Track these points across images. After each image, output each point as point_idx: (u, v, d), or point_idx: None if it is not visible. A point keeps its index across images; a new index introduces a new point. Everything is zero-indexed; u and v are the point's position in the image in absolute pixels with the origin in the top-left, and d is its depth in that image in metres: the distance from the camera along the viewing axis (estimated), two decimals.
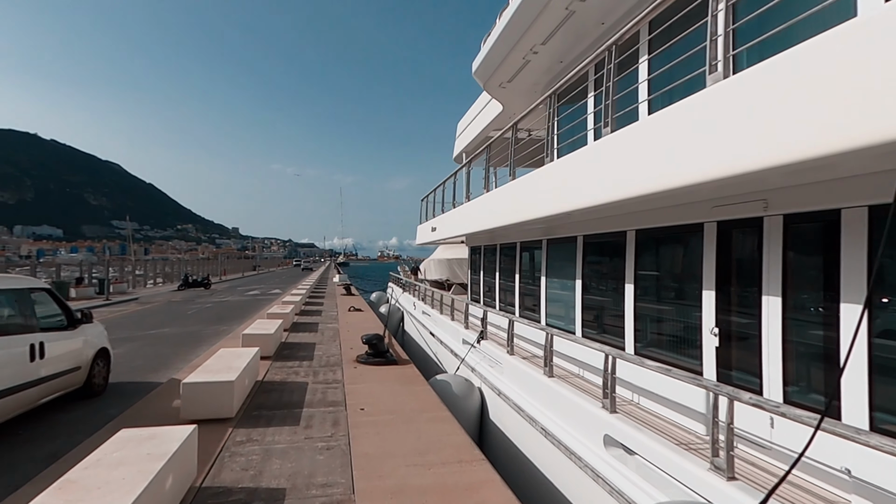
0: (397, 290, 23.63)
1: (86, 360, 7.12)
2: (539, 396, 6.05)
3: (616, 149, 4.62)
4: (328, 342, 10.21)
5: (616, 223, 6.12)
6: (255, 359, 6.53)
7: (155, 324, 14.31)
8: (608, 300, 6.50)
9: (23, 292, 6.35)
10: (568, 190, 5.53)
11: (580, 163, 5.37)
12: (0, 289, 5.95)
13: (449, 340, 11.05)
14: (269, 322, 9.68)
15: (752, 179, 3.35)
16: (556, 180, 5.97)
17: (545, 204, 6.19)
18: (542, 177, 6.51)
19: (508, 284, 10.76)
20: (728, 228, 4.46)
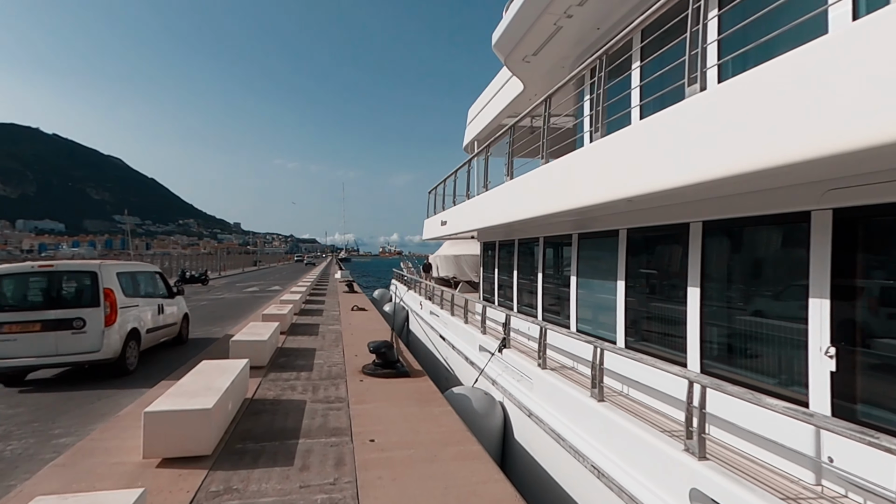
0: (401, 287, 22.59)
1: (179, 319, 11.21)
2: (586, 425, 4.99)
3: (691, 120, 3.57)
4: (330, 347, 9.17)
5: (676, 214, 5.05)
6: (243, 373, 5.49)
7: None
8: (663, 305, 5.44)
9: (152, 273, 10.69)
10: (619, 174, 4.47)
11: (635, 141, 4.31)
12: (143, 271, 10.22)
13: (462, 346, 10.00)
14: (264, 326, 8.64)
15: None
16: (600, 163, 4.92)
17: (586, 191, 5.13)
18: (581, 160, 5.43)
19: (528, 284, 9.72)
20: (852, 217, 3.37)
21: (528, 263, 9.97)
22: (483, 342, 8.88)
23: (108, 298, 8.15)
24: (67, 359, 7.77)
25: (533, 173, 6.69)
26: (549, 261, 8.85)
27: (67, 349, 7.76)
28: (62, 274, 8.35)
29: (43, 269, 8.33)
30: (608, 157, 4.60)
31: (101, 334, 7.96)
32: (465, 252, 21.68)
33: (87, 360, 7.87)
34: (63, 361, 7.78)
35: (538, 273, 8.92)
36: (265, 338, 7.48)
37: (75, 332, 7.82)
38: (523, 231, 9.78)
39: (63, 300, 8.10)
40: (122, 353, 8.27)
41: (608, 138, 4.90)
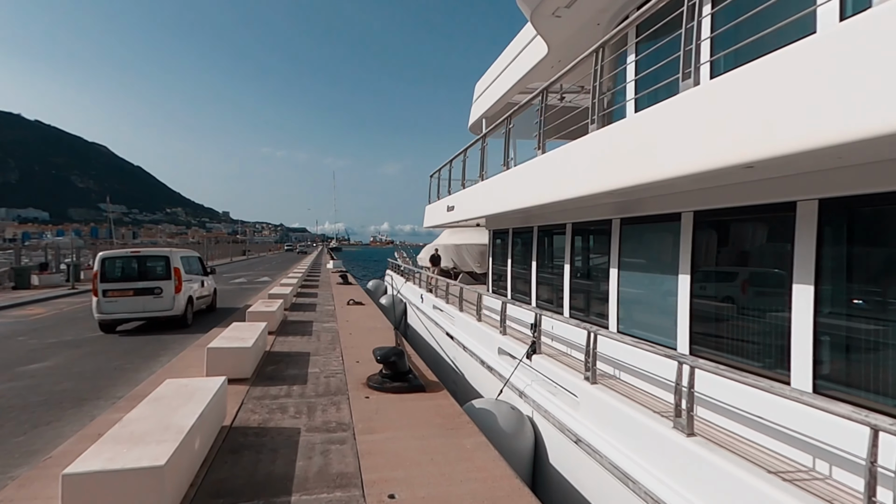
0: (397, 278, 21.33)
1: (211, 292, 14.51)
2: (668, 465, 3.81)
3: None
4: (326, 351, 7.92)
5: (780, 189, 3.85)
6: (218, 397, 4.23)
7: None
8: (755, 309, 4.28)
9: (197, 258, 13.97)
10: (740, 128, 3.26)
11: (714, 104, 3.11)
12: (192, 255, 13.65)
13: (476, 347, 8.81)
14: (248, 328, 7.36)
15: None
16: (705, 118, 3.71)
17: (678, 158, 3.91)
18: (670, 114, 4.19)
19: (550, 277, 8.54)
20: None
21: (551, 253, 8.78)
22: (504, 345, 7.70)
23: (176, 274, 11.56)
24: (151, 314, 11.24)
25: (581, 143, 5.44)
26: (577, 250, 7.67)
27: (151, 308, 11.23)
28: (146, 257, 11.70)
29: (134, 254, 11.75)
30: (724, 105, 3.35)
31: (172, 298, 11.45)
32: (467, 241, 20.45)
33: (163, 316, 11.36)
34: (147, 316, 11.28)
35: (565, 265, 7.73)
36: (249, 343, 6.20)
37: (156, 296, 11.25)
38: (544, 217, 8.58)
39: (147, 275, 11.40)
40: (184, 312, 11.78)
41: (658, 107, 3.71)
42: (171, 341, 9.66)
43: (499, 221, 11.08)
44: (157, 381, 5.86)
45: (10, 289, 20.06)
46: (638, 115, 4.24)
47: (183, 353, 7.44)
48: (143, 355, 8.25)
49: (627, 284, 6.23)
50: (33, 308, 14.46)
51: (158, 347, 8.93)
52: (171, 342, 9.54)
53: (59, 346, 8.82)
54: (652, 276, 5.80)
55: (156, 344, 9.30)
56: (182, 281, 11.68)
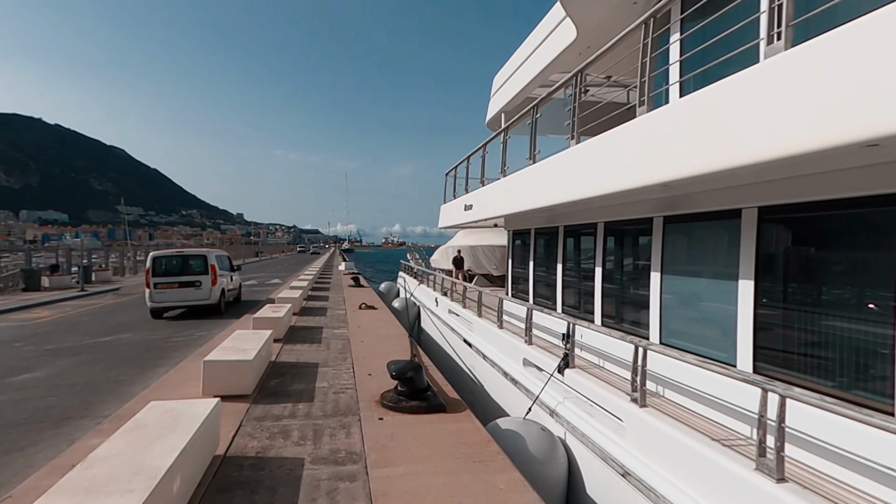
0: (410, 280, 20.72)
1: (237, 286, 16.53)
2: None
3: None
4: (336, 361, 7.30)
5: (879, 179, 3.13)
6: (207, 426, 3.61)
7: (116, 326, 11.44)
8: (837, 323, 3.56)
9: (227, 257, 16.09)
10: None
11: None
12: (224, 255, 15.69)
13: (498, 357, 8.12)
14: (252, 337, 6.76)
15: None
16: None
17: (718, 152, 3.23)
18: (753, 85, 3.48)
19: (577, 281, 7.85)
20: None
21: (578, 255, 8.09)
22: (530, 356, 7.00)
23: (212, 270, 13.66)
24: (192, 303, 13.43)
25: (629, 128, 4.73)
26: (610, 252, 6.97)
27: (192, 297, 13.39)
28: (188, 256, 13.80)
29: (178, 253, 14.02)
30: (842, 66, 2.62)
31: (209, 289, 13.56)
32: (483, 242, 19.73)
33: (202, 304, 13.52)
34: (189, 304, 13.44)
35: (596, 268, 7.03)
36: (250, 356, 5.59)
37: (196, 288, 13.40)
38: (572, 216, 7.89)
39: (189, 270, 13.51)
40: (218, 301, 13.90)
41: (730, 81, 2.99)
42: (173, 348, 9.13)
43: (519, 221, 10.40)
44: (148, 397, 5.28)
45: (21, 290, 19.83)
46: (711, 88, 3.52)
47: (181, 365, 6.86)
48: (141, 365, 7.70)
49: (672, 290, 5.52)
50: (38, 311, 14.11)
51: (158, 356, 8.38)
52: (173, 349, 9.00)
53: (55, 354, 8.32)
54: (703, 282, 5.08)
55: (156, 351, 8.75)
56: (217, 276, 13.90)
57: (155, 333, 10.43)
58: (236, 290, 16.48)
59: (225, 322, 11.90)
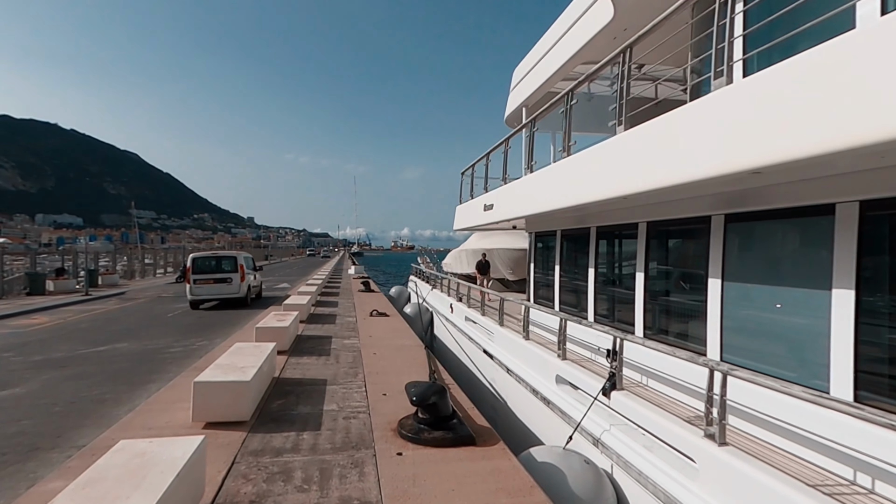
0: (422, 285, 19.95)
1: (259, 283, 19.16)
2: None
3: None
4: (346, 377, 6.55)
5: None
6: (185, 474, 2.86)
7: (114, 334, 10.80)
8: None
9: (252, 258, 18.29)
10: None
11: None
12: (248, 256, 18.01)
13: (525, 373, 7.32)
14: (252, 351, 6.02)
15: None
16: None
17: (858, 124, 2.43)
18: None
19: (611, 288, 7.07)
20: None
21: (614, 259, 7.31)
22: (565, 373, 6.20)
23: (241, 269, 16.32)
24: (224, 296, 16.03)
25: (705, 104, 3.92)
26: (654, 256, 6.17)
27: (224, 292, 15.97)
28: (221, 257, 16.62)
29: (214, 255, 16.79)
30: None
31: (239, 285, 16.19)
32: (498, 245, 18.94)
33: (232, 297, 16.11)
34: (222, 298, 16.08)
35: (637, 273, 6.23)
36: (248, 375, 4.85)
37: (227, 284, 16.01)
38: (607, 216, 7.11)
39: (222, 269, 16.15)
40: (246, 295, 16.53)
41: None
42: (170, 360, 8.45)
43: (543, 222, 9.61)
44: (131, 424, 4.57)
45: (25, 295, 19.40)
46: (848, 36, 2.69)
47: (174, 382, 6.15)
48: (132, 380, 7.00)
49: (736, 300, 4.71)
50: (37, 317, 13.56)
51: (152, 369, 7.69)
52: (169, 361, 8.33)
53: (42, 366, 7.67)
54: (780, 291, 4.27)
55: (150, 364, 8.06)
56: (245, 274, 16.61)
57: (153, 342, 9.77)
58: (258, 287, 19.41)
59: (229, 330, 11.24)
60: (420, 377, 6.57)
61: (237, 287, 16.26)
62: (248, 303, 16.85)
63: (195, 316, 13.65)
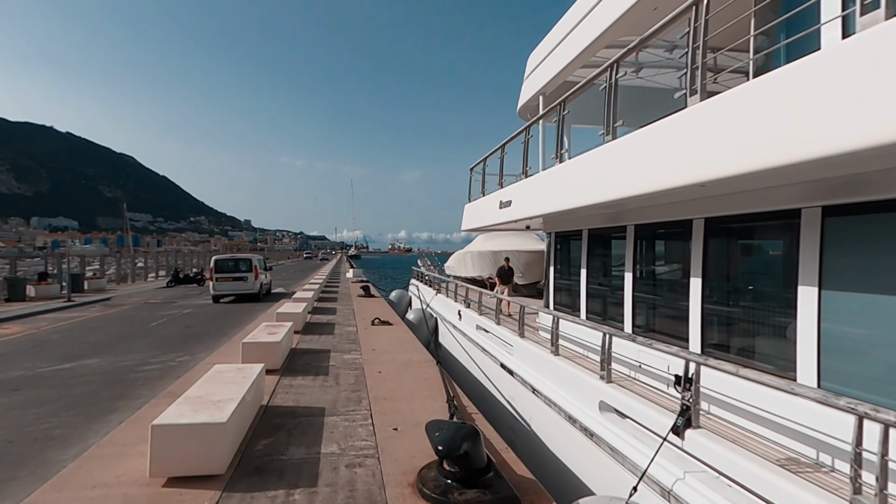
0: (425, 289, 18.90)
1: (269, 282, 21.92)
2: None
3: None
4: (348, 405, 5.48)
5: None
6: None
7: (87, 347, 9.67)
8: None
9: (263, 259, 21.65)
10: None
11: None
12: (261, 258, 20.88)
13: (556, 394, 6.27)
14: (235, 375, 4.94)
15: None
16: None
17: None
18: None
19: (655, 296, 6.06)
20: None
21: (654, 263, 6.31)
22: (611, 399, 5.16)
23: (255, 269, 18.98)
24: (240, 292, 18.84)
25: (829, 57, 2.90)
26: (717, 258, 5.16)
27: (241, 289, 18.77)
28: (239, 259, 19.40)
29: (232, 257, 19.71)
30: None
31: (253, 282, 18.84)
32: (507, 247, 17.90)
33: (248, 293, 18.90)
34: (239, 294, 18.91)
35: (693, 279, 5.22)
36: (224, 416, 3.76)
37: (244, 281, 18.73)
38: (648, 212, 6.10)
39: (239, 268, 18.92)
40: (258, 291, 19.25)
41: None
42: (142, 381, 7.37)
43: (565, 221, 8.60)
44: (70, 480, 3.50)
45: (4, 301, 18.25)
46: None
47: (140, 413, 5.06)
48: (91, 409, 5.85)
49: (841, 315, 3.69)
50: (9, 326, 12.42)
51: (119, 394, 6.57)
52: (141, 383, 7.26)
53: None
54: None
55: (119, 386, 6.95)
56: (258, 273, 19.28)
57: (127, 358, 8.65)
58: (269, 284, 21.92)
59: (215, 342, 10.16)
60: (436, 403, 5.53)
61: (252, 284, 18.94)
62: (261, 297, 19.64)
63: (179, 325, 12.52)
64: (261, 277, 19.38)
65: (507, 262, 12.94)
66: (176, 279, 26.59)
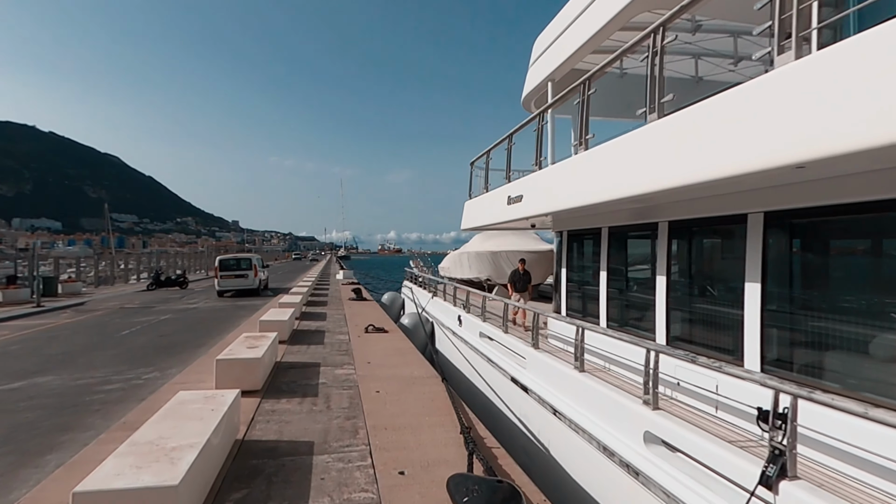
0: (419, 291, 17.96)
1: (267, 279, 24.52)
2: None
3: None
4: (341, 438, 4.54)
5: None
6: None
7: (45, 360, 8.58)
8: None
9: (260, 258, 23.95)
10: None
11: None
12: (259, 258, 23.59)
13: (585, 419, 5.38)
14: (203, 407, 3.96)
15: None
16: None
17: None
18: None
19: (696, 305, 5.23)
20: None
21: (702, 267, 5.46)
22: (661, 430, 4.28)
23: (254, 267, 21.37)
24: (242, 287, 21.16)
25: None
26: (780, 260, 4.32)
27: (242, 285, 21.17)
28: (240, 258, 22.05)
29: (234, 257, 22.40)
30: None
31: (253, 279, 21.21)
32: (507, 248, 17.02)
33: (248, 289, 21.26)
34: (241, 289, 21.17)
35: (748, 284, 4.40)
36: (177, 475, 2.77)
37: (245, 278, 21.13)
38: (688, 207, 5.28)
39: (241, 267, 21.35)
40: (258, 286, 21.62)
41: None
42: (97, 406, 6.37)
43: (583, 218, 7.74)
44: None
45: None
46: None
47: (80, 456, 4.06)
48: (26, 446, 4.74)
49: None
50: None
51: (68, 423, 5.52)
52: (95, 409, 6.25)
53: None
54: None
55: (68, 414, 5.89)
56: (258, 271, 21.60)
57: (87, 374, 7.59)
58: (266, 280, 24.28)
59: (191, 354, 9.14)
60: (447, 434, 4.61)
61: (252, 280, 21.42)
62: (260, 292, 21.98)
63: (153, 334, 11.43)
64: (259, 275, 22.08)
65: (523, 264, 10.77)
66: (157, 282, 25.34)
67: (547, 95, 9.63)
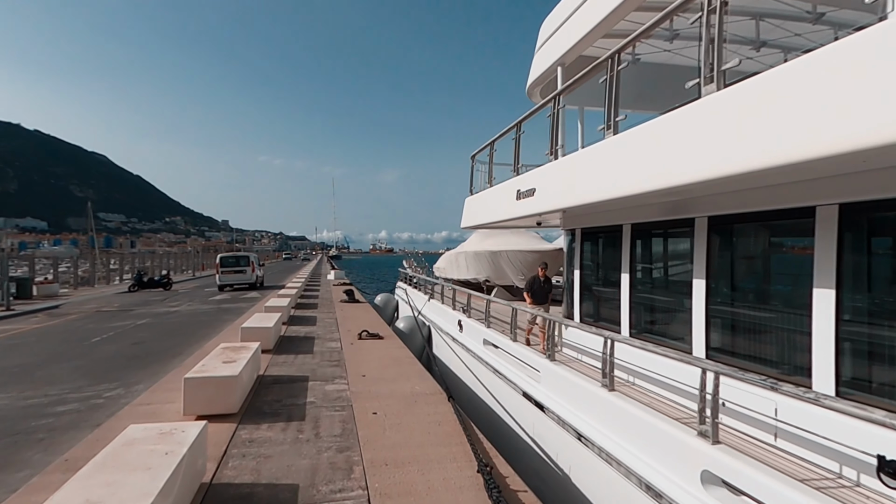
0: (414, 293, 17.14)
1: (262, 275, 27.52)
2: None
3: None
4: (332, 480, 3.71)
5: None
6: None
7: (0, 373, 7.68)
8: None
9: (258, 257, 29.24)
10: None
11: None
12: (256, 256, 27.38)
13: (621, 451, 4.59)
14: (161, 447, 3.12)
15: None
16: None
17: None
18: None
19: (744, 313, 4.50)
20: None
21: (753, 269, 4.72)
22: (723, 470, 3.51)
23: (252, 264, 24.58)
24: (241, 282, 24.18)
25: None
26: (857, 264, 3.57)
27: (241, 280, 24.14)
28: (239, 256, 25.72)
29: (234, 255, 25.88)
30: None
31: (251, 274, 24.30)
32: (507, 247, 16.24)
33: (247, 283, 24.29)
34: (240, 284, 24.20)
35: (816, 290, 3.67)
36: None
37: (244, 274, 24.12)
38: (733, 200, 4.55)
39: (240, 264, 24.52)
40: (255, 281, 24.64)
41: None
42: (44, 432, 5.47)
43: (600, 215, 6.99)
44: None
45: None
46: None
47: (35, 480, 3.22)
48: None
49: None
50: None
51: (4, 456, 4.67)
52: (41, 437, 5.36)
53: None
54: None
55: (5, 445, 5.03)
56: (255, 268, 24.44)
57: (42, 391, 6.65)
58: (262, 277, 26.49)
59: (163, 365, 8.24)
60: (461, 472, 3.80)
61: (250, 276, 23.94)
62: (257, 287, 24.43)
63: (126, 341, 10.46)
64: (257, 271, 24.76)
65: (544, 269, 8.68)
66: (139, 283, 24.25)
67: (556, 81, 8.83)
